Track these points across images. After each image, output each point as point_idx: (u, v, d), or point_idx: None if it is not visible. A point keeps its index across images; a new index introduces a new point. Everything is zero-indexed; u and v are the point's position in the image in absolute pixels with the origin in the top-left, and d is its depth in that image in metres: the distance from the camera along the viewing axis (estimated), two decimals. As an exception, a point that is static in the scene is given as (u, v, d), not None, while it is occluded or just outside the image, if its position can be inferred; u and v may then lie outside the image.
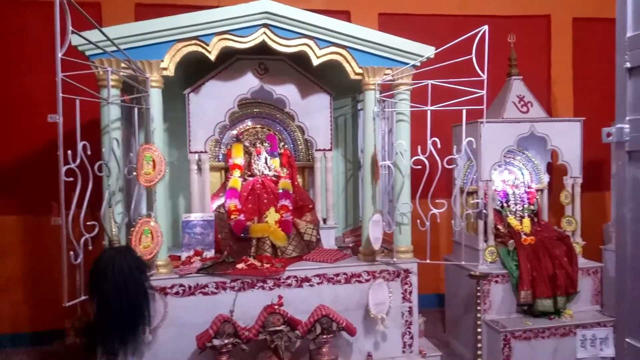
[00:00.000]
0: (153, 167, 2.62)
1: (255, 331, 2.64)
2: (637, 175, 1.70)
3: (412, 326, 3.04)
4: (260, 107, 3.54)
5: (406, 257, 3.07)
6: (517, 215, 4.06)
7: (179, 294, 2.72)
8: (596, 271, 3.89)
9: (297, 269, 2.90)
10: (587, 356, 3.61)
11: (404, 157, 3.02)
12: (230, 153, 3.41)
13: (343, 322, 2.76)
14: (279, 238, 3.05)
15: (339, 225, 3.82)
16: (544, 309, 3.64)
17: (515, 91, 4.06)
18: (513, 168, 4.23)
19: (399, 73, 2.97)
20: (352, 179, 3.93)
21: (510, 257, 3.77)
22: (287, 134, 3.61)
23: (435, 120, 2.84)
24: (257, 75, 3.24)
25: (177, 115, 3.29)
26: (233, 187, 3.22)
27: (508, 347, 3.50)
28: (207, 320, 2.64)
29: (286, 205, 3.19)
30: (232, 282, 2.77)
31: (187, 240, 3.00)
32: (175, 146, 3.49)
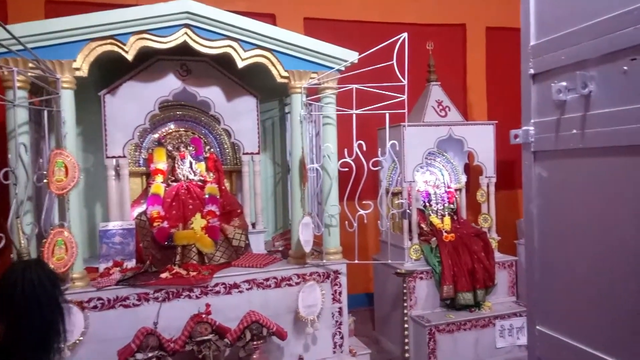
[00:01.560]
0: (65, 173, 2.44)
1: (182, 342, 2.54)
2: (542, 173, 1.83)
3: (342, 326, 3.08)
4: (183, 109, 3.42)
5: (335, 258, 3.10)
6: (438, 214, 4.26)
7: (98, 308, 2.56)
8: (511, 264, 4.17)
9: (225, 276, 2.84)
10: (506, 345, 3.85)
11: (332, 159, 3.06)
12: (152, 158, 3.26)
13: (273, 327, 2.74)
14: (205, 245, 2.96)
15: (269, 230, 3.79)
16: (465, 302, 3.84)
17: (434, 96, 4.26)
18: (434, 169, 4.43)
19: (324, 77, 3.00)
20: (280, 182, 3.92)
21: (433, 254, 3.94)
22: (212, 138, 3.52)
23: (361, 123, 2.91)
24: (179, 77, 3.13)
25: (92, 119, 3.10)
26: (155, 193, 3.08)
27: (433, 340, 3.65)
28: (129, 334, 2.51)
29: (213, 210, 3.10)
30: (155, 293, 2.65)
31: (105, 251, 2.83)
32: (91, 151, 3.28)
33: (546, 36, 1.66)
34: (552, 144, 1.70)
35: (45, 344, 2.19)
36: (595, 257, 1.53)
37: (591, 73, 1.47)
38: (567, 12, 1.57)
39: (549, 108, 1.67)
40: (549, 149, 1.77)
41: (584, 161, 1.58)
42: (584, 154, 1.56)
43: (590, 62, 1.47)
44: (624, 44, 1.34)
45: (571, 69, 1.56)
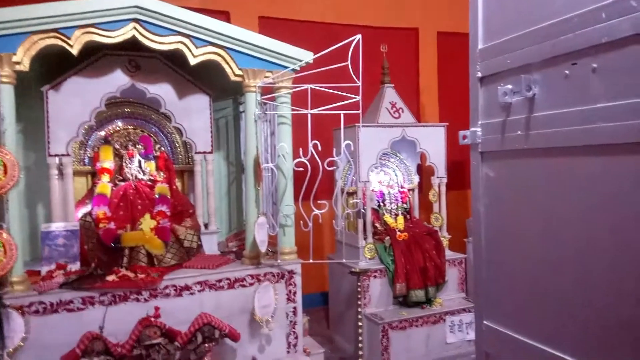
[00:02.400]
0: (4, 172, 2.31)
1: (129, 346, 2.45)
2: (489, 173, 1.89)
3: (296, 326, 3.07)
4: (132, 106, 3.30)
5: (290, 258, 3.09)
6: (392, 213, 4.33)
7: (39, 313, 2.42)
8: (461, 262, 4.30)
9: (176, 277, 2.76)
10: (456, 340, 3.97)
11: (287, 159, 3.05)
12: (98, 156, 3.12)
13: (226, 328, 2.69)
14: (155, 246, 2.87)
15: (222, 230, 3.73)
16: (417, 299, 3.93)
17: (388, 98, 4.33)
18: (388, 169, 4.50)
19: (279, 76, 2.99)
20: (235, 182, 3.87)
21: (386, 252, 4.00)
22: (163, 136, 3.42)
23: (316, 123, 2.91)
24: (128, 73, 3.02)
25: (34, 115, 2.94)
26: (101, 193, 2.95)
27: (386, 337, 3.71)
28: (74, 339, 2.39)
29: (163, 211, 3.01)
30: (101, 296, 2.54)
31: (47, 253, 2.69)
32: (33, 149, 3.11)
33: (493, 40, 1.72)
34: (498, 144, 1.76)
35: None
36: (539, 254, 1.59)
37: (535, 76, 1.53)
38: (513, 17, 1.63)
39: (495, 110, 1.73)
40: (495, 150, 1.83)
41: (528, 161, 1.65)
42: (528, 155, 1.62)
43: (534, 66, 1.53)
44: (565, 49, 1.40)
45: (516, 72, 1.61)
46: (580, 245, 1.40)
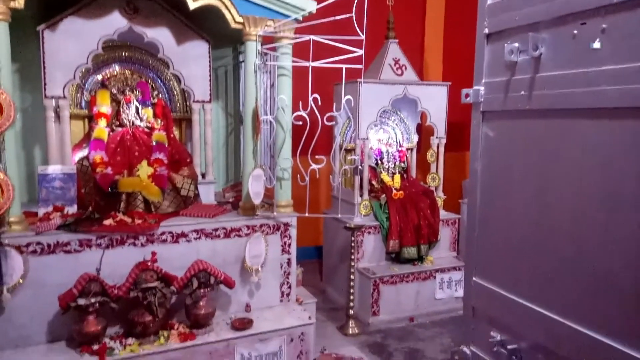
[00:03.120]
0: (0, 112, 2.28)
1: (126, 289, 2.51)
2: (488, 133, 1.88)
3: (290, 276, 3.13)
4: (130, 50, 3.22)
5: (286, 211, 3.12)
6: (389, 171, 4.35)
7: (37, 253, 2.46)
8: (454, 222, 4.36)
9: (173, 225, 2.79)
10: (444, 297, 4.09)
11: (286, 112, 3.01)
12: (95, 100, 3.07)
13: (221, 275, 2.75)
14: (152, 193, 2.88)
15: (219, 181, 3.74)
16: (409, 256, 4.01)
17: (392, 54, 4.25)
18: (387, 128, 4.48)
19: (281, 26, 2.91)
20: (233, 133, 3.84)
21: (382, 210, 4.05)
22: (161, 83, 3.36)
23: (317, 77, 2.86)
24: (125, 15, 2.93)
25: (30, 56, 2.87)
26: (98, 138, 2.92)
27: (377, 291, 3.81)
28: (71, 280, 2.44)
29: (160, 158, 3.00)
30: (98, 240, 2.58)
31: (44, 195, 2.70)
32: (29, 90, 3.05)
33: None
34: (501, 104, 1.74)
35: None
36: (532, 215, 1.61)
37: (543, 35, 1.49)
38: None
39: (500, 69, 1.70)
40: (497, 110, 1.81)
41: (529, 122, 1.63)
42: (530, 116, 1.61)
43: (543, 25, 1.49)
44: (575, 8, 1.36)
45: (524, 30, 1.57)
46: (574, 207, 1.42)
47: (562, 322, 1.45)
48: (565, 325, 1.44)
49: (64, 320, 2.49)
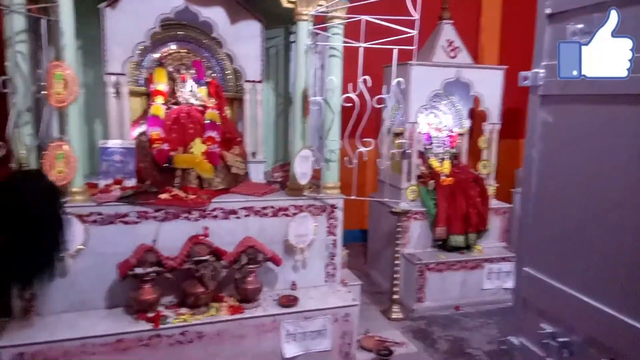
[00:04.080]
0: (64, 86, 2.40)
1: (180, 260, 2.62)
2: (547, 118, 1.81)
3: (335, 258, 3.16)
4: (185, 29, 3.30)
5: (333, 192, 3.13)
6: (438, 157, 4.26)
7: (98, 223, 2.61)
8: (505, 211, 4.24)
9: (224, 201, 2.87)
10: (492, 287, 4.01)
11: (335, 94, 3.01)
12: (152, 78, 3.18)
13: (269, 253, 2.82)
14: (205, 169, 2.97)
15: (268, 160, 3.79)
16: (457, 244, 3.94)
17: (445, 35, 4.13)
18: (438, 112, 4.38)
19: (333, 5, 2.88)
20: (283, 113, 3.88)
21: (429, 196, 3.99)
22: (215, 62, 3.43)
23: (368, 59, 2.82)
24: (182, -6, 3.00)
25: (92, 32, 2.98)
26: (155, 115, 3.04)
27: (422, 277, 3.78)
28: (129, 249, 2.58)
29: (213, 136, 3.08)
30: (155, 212, 2.70)
31: (105, 168, 2.84)
32: (91, 66, 3.19)
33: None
34: (561, 88, 1.67)
35: (44, 252, 2.26)
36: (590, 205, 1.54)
37: (609, 16, 1.41)
38: (593, -53, 1.49)
39: (562, 50, 1.62)
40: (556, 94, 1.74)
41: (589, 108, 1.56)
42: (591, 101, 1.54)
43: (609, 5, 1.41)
44: (647, -15, 1.28)
45: (589, 11, 1.50)
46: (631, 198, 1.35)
47: (617, 317, 1.39)
48: (620, 319, 1.38)
49: (122, 287, 2.63)
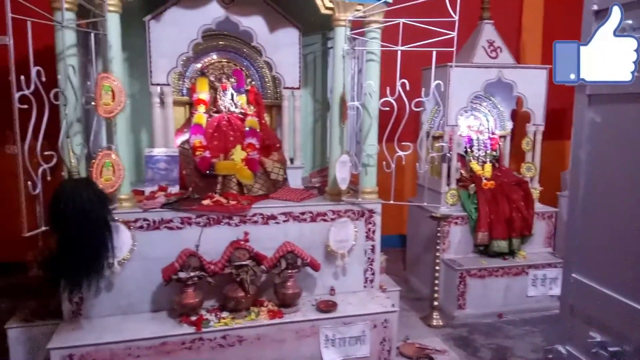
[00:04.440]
0: (112, 97, 2.51)
1: (222, 265, 2.67)
2: (595, 118, 1.75)
3: (374, 263, 3.14)
4: (226, 39, 3.38)
5: (371, 197, 3.12)
6: (479, 160, 4.17)
7: (144, 228, 2.70)
8: (551, 216, 4.10)
9: (263, 207, 2.91)
10: (537, 294, 3.87)
11: (373, 98, 3.00)
12: (195, 87, 3.28)
13: (308, 258, 2.83)
14: (245, 176, 3.03)
15: (306, 166, 3.82)
16: (499, 249, 3.84)
17: (486, 35, 4.05)
18: (479, 114, 4.29)
19: (370, 9, 2.88)
20: (320, 119, 3.90)
21: (470, 200, 3.91)
22: (254, 70, 3.50)
23: (405, 62, 2.81)
24: (223, 5, 3.07)
25: (137, 44, 3.11)
26: (198, 123, 3.13)
27: (463, 284, 3.70)
28: (173, 254, 2.65)
29: (253, 143, 3.14)
30: (197, 218, 2.77)
31: (150, 175, 2.95)
32: (136, 77, 3.32)
33: (617, -34, 1.53)
34: (609, 87, 1.61)
35: (94, 258, 2.35)
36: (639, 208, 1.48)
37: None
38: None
39: (611, 47, 1.56)
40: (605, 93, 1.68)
41: None
42: (643, 99, 1.47)
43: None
44: None
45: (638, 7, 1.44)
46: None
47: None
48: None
49: (166, 291, 2.71)
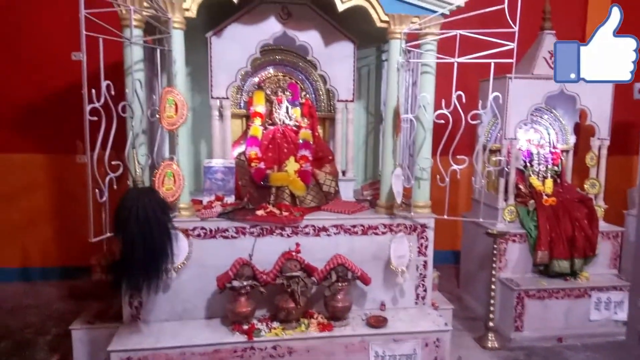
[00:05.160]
0: (175, 110, 2.62)
1: (273, 275, 2.71)
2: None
3: (426, 279, 3.08)
4: (282, 54, 3.46)
5: (424, 212, 3.07)
6: (539, 175, 4.00)
7: (201, 237, 2.79)
8: (616, 235, 3.86)
9: (315, 219, 2.93)
10: (600, 318, 3.64)
11: (427, 110, 2.96)
12: (252, 101, 3.38)
13: (358, 271, 2.81)
14: (298, 188, 3.07)
15: (358, 178, 3.82)
16: (560, 270, 3.65)
17: (547, 46, 3.90)
18: (539, 127, 4.13)
19: (426, 22, 2.86)
20: (373, 132, 3.90)
21: (529, 217, 3.75)
22: (309, 84, 3.55)
23: (461, 74, 2.75)
24: (280, 20, 3.15)
25: (199, 60, 3.25)
26: (254, 135, 3.21)
27: (521, 305, 3.54)
28: (227, 262, 2.72)
29: (306, 155, 3.18)
30: (251, 228, 2.83)
31: (208, 185, 3.05)
32: (197, 91, 3.47)
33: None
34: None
35: (154, 263, 2.45)
36: None
37: None
38: None
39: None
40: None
41: None
42: None
43: None
44: None
45: None
46: None
47: None
48: None
49: (220, 298, 2.78)
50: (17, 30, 4.27)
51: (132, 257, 2.34)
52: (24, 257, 4.53)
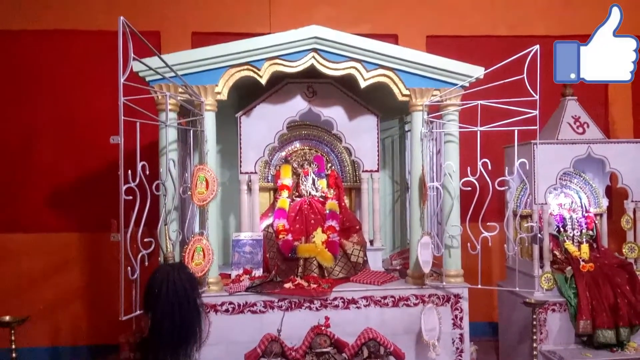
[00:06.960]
0: (206, 186, 2.71)
1: (302, 352, 2.63)
2: None
3: (463, 354, 2.93)
4: (308, 129, 3.60)
5: (456, 281, 2.99)
6: (574, 240, 3.87)
7: (229, 312, 2.77)
8: (664, 302, 3.63)
9: (344, 290, 2.89)
10: (652, 391, 3.35)
11: (453, 178, 2.97)
12: (279, 174, 3.48)
13: (391, 346, 2.71)
14: (325, 259, 3.06)
15: (386, 247, 3.78)
16: (605, 340, 3.42)
17: (571, 112, 3.93)
18: (569, 191, 4.05)
19: (447, 94, 2.95)
20: (399, 200, 3.90)
21: (568, 284, 3.59)
22: (334, 156, 3.65)
23: (486, 141, 2.79)
24: (306, 98, 3.32)
25: (228, 137, 3.40)
26: (281, 208, 3.27)
27: (567, 379, 3.30)
28: (255, 338, 2.67)
29: (333, 226, 3.20)
30: (279, 302, 2.80)
31: (236, 259, 3.07)
32: (227, 167, 3.60)
33: None
34: None
35: (183, 341, 2.42)
36: None
37: None
38: None
39: None
40: None
41: None
42: None
43: None
44: None
45: None
46: None
47: None
48: None
49: (249, 376, 2.69)
50: (70, 115, 4.48)
51: (160, 334, 2.33)
52: (54, 336, 4.53)
